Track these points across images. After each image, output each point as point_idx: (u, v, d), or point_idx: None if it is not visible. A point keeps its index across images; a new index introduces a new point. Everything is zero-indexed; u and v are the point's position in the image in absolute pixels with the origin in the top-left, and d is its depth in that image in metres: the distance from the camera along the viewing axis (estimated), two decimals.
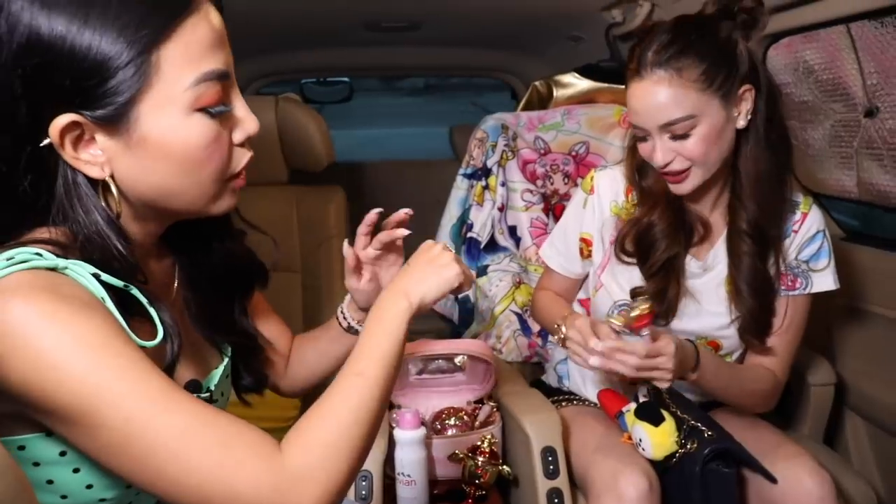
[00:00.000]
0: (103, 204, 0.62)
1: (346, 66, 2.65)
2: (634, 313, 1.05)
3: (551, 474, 1.20)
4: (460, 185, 1.80)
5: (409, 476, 1.24)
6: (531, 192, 1.78)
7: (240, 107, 0.66)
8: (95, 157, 0.61)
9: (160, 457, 0.55)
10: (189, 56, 0.60)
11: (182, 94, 0.60)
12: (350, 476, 0.62)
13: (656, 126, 1.09)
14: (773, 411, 1.35)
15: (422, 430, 1.26)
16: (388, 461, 1.27)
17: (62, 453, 0.62)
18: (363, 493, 1.18)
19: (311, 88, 2.76)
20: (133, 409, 0.55)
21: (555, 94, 1.96)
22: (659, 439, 1.15)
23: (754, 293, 1.18)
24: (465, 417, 1.36)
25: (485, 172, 1.77)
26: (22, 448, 0.61)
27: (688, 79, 1.06)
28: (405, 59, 2.60)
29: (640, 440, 1.17)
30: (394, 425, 1.29)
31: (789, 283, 1.22)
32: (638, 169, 1.22)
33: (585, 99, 1.94)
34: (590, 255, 1.31)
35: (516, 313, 1.70)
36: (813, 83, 1.46)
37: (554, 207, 1.79)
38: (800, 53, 1.46)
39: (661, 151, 1.10)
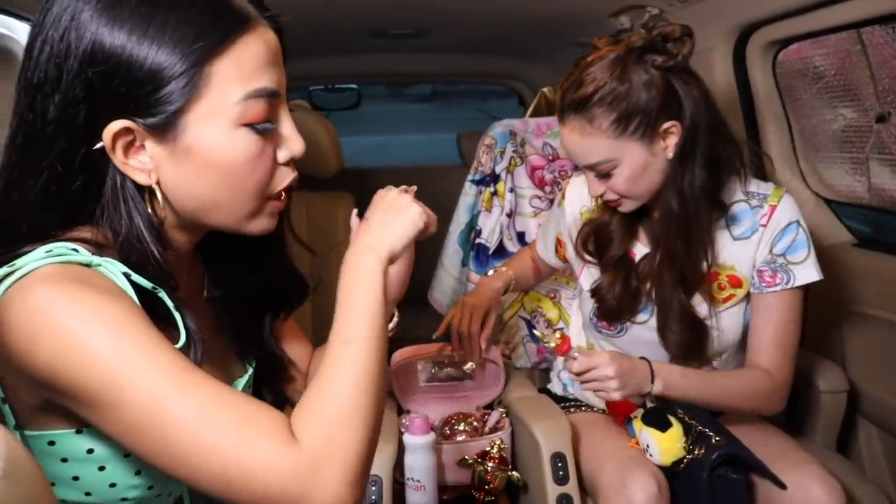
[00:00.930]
0: (148, 210, 0.64)
1: (353, 73, 2.66)
2: (551, 344, 1.15)
3: (561, 480, 1.20)
4: (469, 192, 1.81)
5: (418, 481, 1.24)
6: (540, 198, 1.78)
7: (287, 127, 0.67)
8: (144, 164, 0.63)
9: (179, 437, 0.56)
10: (240, 72, 0.62)
11: (230, 108, 0.62)
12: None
13: (582, 165, 1.14)
14: (784, 418, 1.34)
15: (431, 436, 1.26)
16: (398, 466, 1.27)
17: (90, 451, 0.63)
18: (373, 497, 1.17)
19: (320, 95, 2.78)
20: (153, 388, 0.56)
21: None
22: (666, 445, 1.15)
23: (685, 332, 1.19)
24: (475, 423, 1.36)
25: (493, 178, 1.78)
26: (52, 443, 0.63)
27: (598, 127, 1.08)
28: (412, 66, 2.62)
29: (648, 446, 1.17)
30: (403, 431, 1.29)
31: (768, 280, 1.18)
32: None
33: None
34: (564, 259, 1.38)
35: (525, 319, 1.70)
36: (823, 88, 1.46)
37: None
38: (809, 59, 1.46)
39: (592, 185, 1.15)
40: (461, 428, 1.36)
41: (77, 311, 0.55)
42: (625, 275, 1.21)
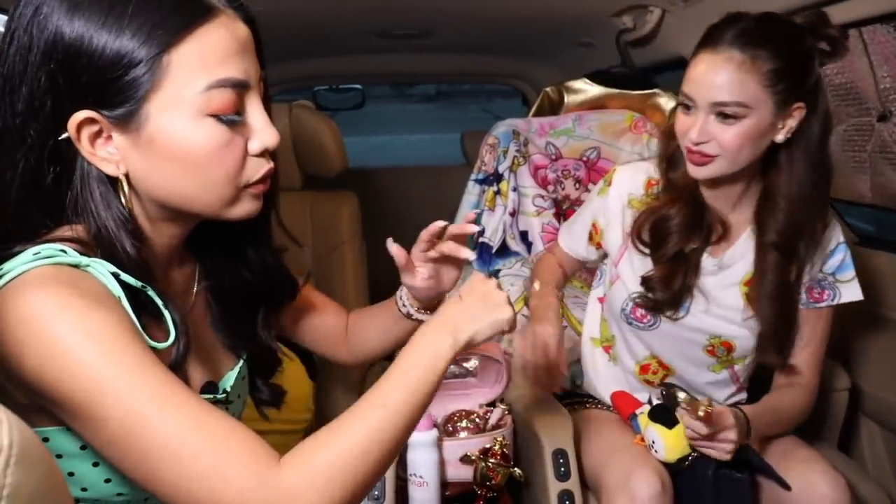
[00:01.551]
0: (119, 202, 0.64)
1: (358, 74, 2.67)
2: (700, 412, 1.06)
3: (562, 476, 1.20)
4: (472, 191, 1.82)
5: (421, 477, 1.24)
6: (542, 197, 1.79)
7: (258, 117, 0.66)
8: (111, 154, 0.63)
9: (156, 456, 0.56)
10: (202, 61, 0.61)
11: (193, 97, 0.61)
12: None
13: (707, 102, 1.07)
14: None
15: (434, 432, 1.27)
16: (401, 462, 1.28)
17: (83, 447, 0.63)
18: (375, 493, 1.18)
19: (324, 95, 2.79)
20: (133, 407, 0.56)
21: (566, 99, 1.96)
22: (672, 441, 1.15)
23: (778, 311, 1.18)
24: (477, 420, 1.37)
25: (496, 178, 1.79)
26: (46, 440, 0.63)
27: (758, 69, 1.05)
28: (417, 66, 2.63)
29: (654, 442, 1.17)
30: None
31: (816, 296, 1.22)
32: (669, 157, 1.22)
33: (597, 105, 1.94)
34: (598, 245, 1.32)
35: (527, 318, 1.71)
36: (825, 87, 1.46)
37: (565, 213, 1.80)
38: None
39: (699, 128, 1.08)
40: (464, 425, 1.36)
41: (66, 320, 0.56)
42: (682, 269, 1.20)
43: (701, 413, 1.06)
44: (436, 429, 1.29)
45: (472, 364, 1.43)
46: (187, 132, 0.62)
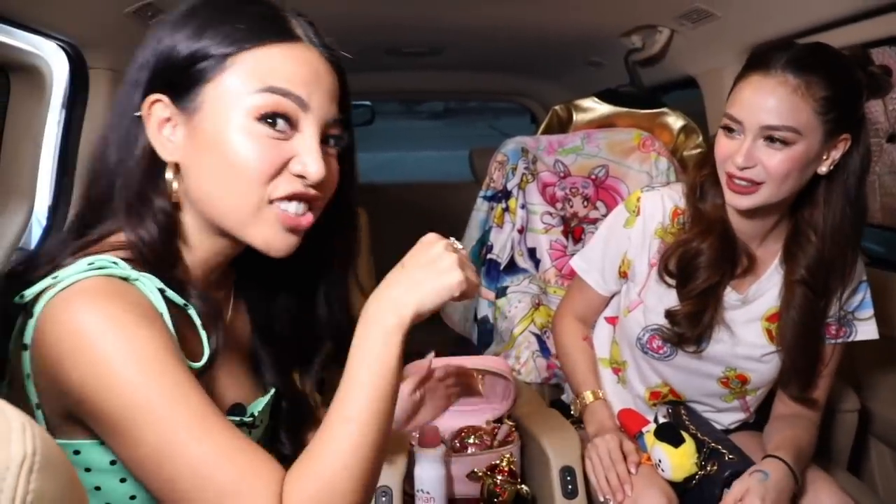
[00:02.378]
0: (165, 194, 0.68)
1: (367, 90, 2.70)
2: None
3: (570, 494, 1.20)
4: (480, 207, 1.83)
5: (428, 493, 1.24)
6: (551, 214, 1.80)
7: (307, 144, 0.67)
8: (171, 140, 0.67)
9: (184, 481, 0.58)
10: (263, 69, 0.65)
11: (246, 95, 0.65)
12: None
13: (758, 125, 1.04)
14: None
15: (441, 448, 1.27)
16: (408, 478, 1.27)
17: (112, 462, 0.65)
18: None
19: None
20: (167, 430, 0.58)
21: (574, 118, 1.98)
22: (679, 461, 1.15)
23: (805, 346, 1.16)
24: (484, 436, 1.37)
25: (505, 195, 1.80)
26: (77, 453, 0.65)
27: (812, 95, 1.02)
28: (426, 84, 2.65)
29: (660, 461, 1.17)
30: (413, 442, 1.30)
31: (833, 332, 1.20)
32: (700, 187, 1.18)
33: (605, 123, 1.96)
34: (625, 275, 1.27)
35: (535, 335, 1.71)
36: (867, 122, 1.46)
37: (573, 230, 1.81)
38: None
39: (746, 153, 1.04)
40: (471, 441, 1.36)
41: (112, 337, 0.58)
42: (711, 306, 1.16)
43: None
44: (443, 444, 1.29)
45: (479, 380, 1.43)
46: (230, 127, 0.65)
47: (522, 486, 1.28)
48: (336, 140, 0.71)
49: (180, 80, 0.66)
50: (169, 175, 0.67)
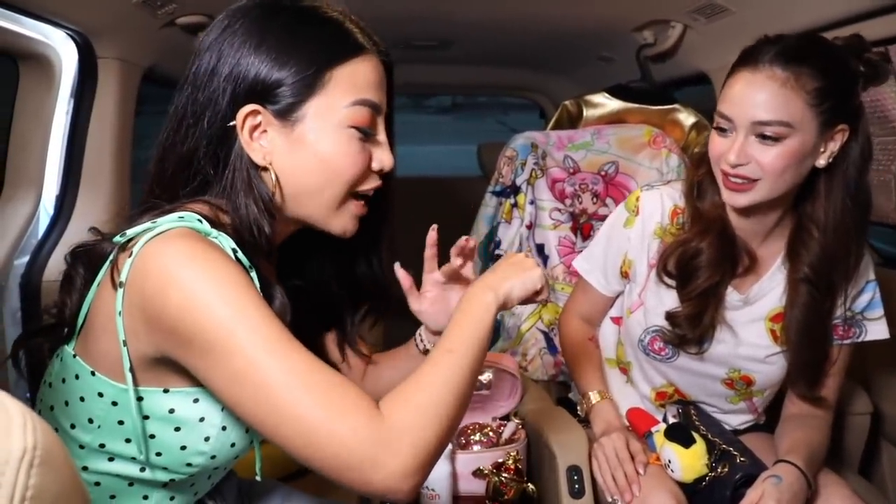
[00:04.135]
0: (263, 188, 0.75)
1: None
2: None
3: (576, 493, 1.19)
4: (489, 203, 1.81)
5: (433, 490, 1.23)
6: (560, 210, 1.79)
7: (384, 142, 0.80)
8: (263, 146, 0.76)
9: (276, 394, 0.63)
10: (353, 83, 0.76)
11: (341, 109, 0.75)
12: (441, 441, 0.67)
13: (748, 122, 1.03)
14: None
15: (447, 445, 1.26)
16: None
17: (171, 410, 0.72)
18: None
19: None
20: (259, 346, 0.64)
21: (585, 113, 1.96)
22: (689, 461, 1.13)
23: (811, 345, 1.14)
24: (491, 434, 1.36)
25: (514, 190, 1.78)
26: (140, 399, 0.71)
27: (802, 87, 1.01)
28: (436, 77, 2.64)
29: (670, 461, 1.15)
30: None
31: (842, 333, 1.18)
32: (697, 186, 1.16)
33: (615, 119, 1.93)
34: (626, 275, 1.26)
35: (542, 332, 1.70)
36: (866, 112, 1.44)
37: (582, 227, 1.79)
38: None
39: (738, 150, 1.03)
40: (477, 438, 1.35)
41: (202, 268, 0.65)
42: (712, 307, 1.15)
43: None
44: (449, 442, 1.28)
45: (485, 377, 1.42)
46: (332, 136, 0.75)
47: (528, 484, 1.27)
48: (389, 131, 0.82)
49: (276, 91, 0.74)
50: (273, 176, 0.76)
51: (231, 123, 0.74)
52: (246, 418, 0.66)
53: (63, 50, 1.39)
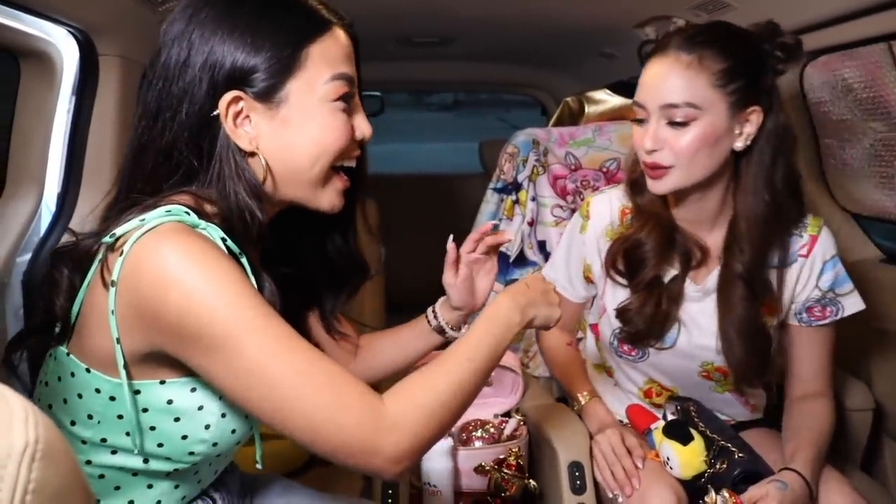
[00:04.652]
0: (250, 174, 0.76)
1: (377, 80, 2.69)
2: (731, 500, 1.05)
3: (578, 489, 1.19)
4: (490, 199, 1.81)
5: (434, 486, 1.24)
6: (561, 207, 1.78)
7: (360, 112, 0.81)
8: (247, 132, 0.76)
9: (282, 390, 0.65)
10: (328, 58, 0.76)
11: (321, 85, 0.76)
12: (435, 438, 0.71)
13: (657, 105, 1.06)
14: None
15: (449, 441, 1.26)
16: (415, 471, 1.27)
17: (169, 401, 0.72)
18: (389, 501, 1.18)
19: None
20: (264, 346, 0.65)
21: (586, 110, 1.96)
22: (687, 458, 1.13)
23: (745, 342, 1.13)
24: (492, 430, 1.36)
25: (515, 187, 1.78)
26: (137, 392, 0.72)
27: (706, 69, 1.04)
28: (437, 74, 2.64)
29: (668, 458, 1.15)
30: None
31: (818, 314, 1.18)
32: (635, 182, 1.19)
33: (617, 116, 1.93)
34: (590, 280, 1.29)
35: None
36: (852, 101, 1.44)
37: None
38: (838, 71, 1.44)
39: (652, 136, 1.06)
40: (478, 434, 1.36)
41: (201, 269, 0.66)
42: (658, 297, 1.16)
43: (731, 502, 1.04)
44: (450, 438, 1.28)
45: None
46: (317, 111, 0.76)
47: (530, 480, 1.27)
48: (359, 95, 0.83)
49: (255, 75, 0.74)
50: (263, 161, 0.76)
51: (214, 113, 0.74)
52: (253, 413, 0.68)
53: (64, 47, 1.39)
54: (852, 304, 1.19)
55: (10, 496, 0.33)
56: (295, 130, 0.76)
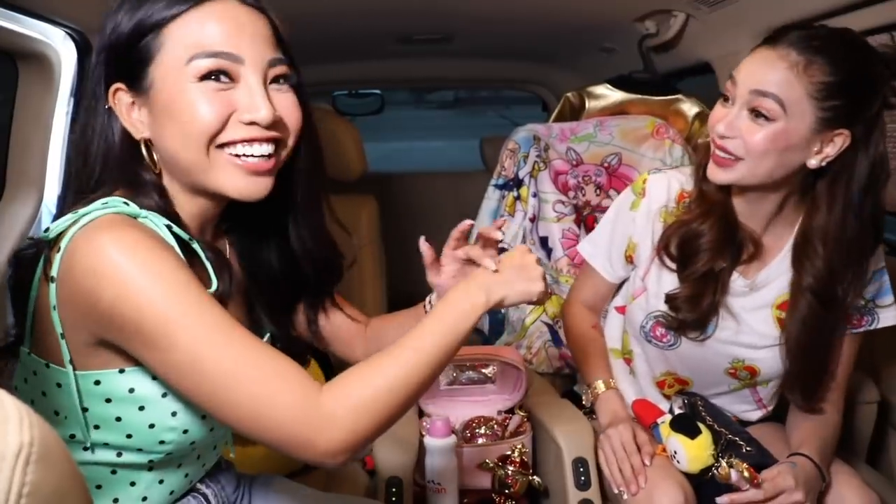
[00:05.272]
0: (146, 164, 0.75)
1: (378, 79, 2.68)
2: (746, 474, 1.03)
3: (582, 485, 1.19)
4: (491, 196, 1.81)
5: (439, 484, 1.23)
6: (563, 203, 1.78)
7: (248, 92, 0.73)
8: (138, 121, 0.75)
9: (217, 383, 0.65)
10: (189, 39, 0.72)
11: (182, 67, 0.72)
12: (374, 434, 0.68)
13: (748, 88, 1.02)
14: None
15: (452, 439, 1.26)
16: (419, 469, 1.27)
17: (131, 390, 0.72)
18: (393, 499, 1.17)
19: (343, 100, 2.80)
20: (198, 335, 0.65)
21: (587, 105, 1.95)
22: (695, 452, 1.13)
23: (811, 354, 1.13)
24: (496, 427, 1.36)
25: (516, 183, 1.78)
26: (97, 383, 0.71)
27: (809, 77, 0.99)
28: (437, 72, 2.63)
29: (676, 452, 1.15)
30: (424, 433, 1.29)
31: (855, 322, 1.17)
32: (705, 168, 1.14)
33: (618, 110, 1.92)
34: (631, 259, 1.25)
35: (547, 324, 1.69)
36: (884, 127, 1.41)
37: (586, 219, 1.78)
38: None
39: (729, 122, 1.03)
40: (482, 431, 1.35)
41: (137, 260, 0.65)
42: (710, 289, 1.13)
43: (745, 475, 1.02)
44: (454, 435, 1.28)
45: (490, 370, 1.41)
46: (178, 93, 0.72)
47: (534, 477, 1.27)
48: (284, 79, 0.77)
49: (129, 66, 0.73)
50: (145, 150, 0.75)
51: (107, 106, 0.74)
52: (192, 402, 0.69)
53: (62, 49, 1.39)
54: (889, 317, 1.17)
55: (5, 499, 0.32)
56: (163, 114, 0.73)
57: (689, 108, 1.87)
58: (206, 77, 0.72)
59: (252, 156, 0.74)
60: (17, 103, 1.38)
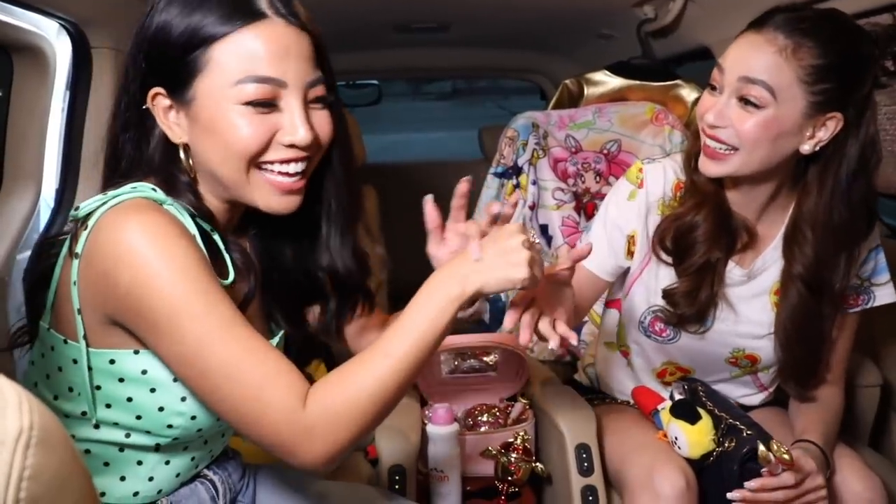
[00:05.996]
0: (182, 167, 0.77)
1: (375, 69, 2.67)
2: (786, 456, 1.01)
3: (586, 471, 1.19)
4: (491, 184, 1.80)
5: (442, 472, 1.24)
6: (562, 190, 1.77)
7: (290, 116, 0.74)
8: (176, 125, 0.76)
9: (216, 375, 0.67)
10: (238, 58, 0.72)
11: (227, 87, 0.72)
12: (354, 440, 0.70)
13: (736, 75, 1.00)
14: None
15: (455, 426, 1.26)
16: (422, 457, 1.27)
17: (144, 371, 0.73)
18: (396, 487, 1.18)
19: (340, 91, 2.78)
20: (204, 328, 0.67)
21: (586, 92, 1.94)
22: (696, 437, 1.13)
23: (802, 343, 1.12)
24: (498, 414, 1.36)
25: (515, 171, 1.77)
26: (112, 362, 0.73)
27: (798, 60, 0.97)
28: (435, 61, 2.62)
29: (676, 438, 1.15)
30: (427, 421, 1.29)
31: (851, 302, 1.16)
32: (695, 157, 1.12)
33: (617, 97, 1.92)
34: (631, 253, 1.20)
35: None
36: (875, 108, 1.41)
37: (586, 206, 1.78)
38: None
39: (718, 111, 1.01)
40: (484, 419, 1.35)
41: (156, 246, 0.67)
42: (707, 282, 1.12)
43: (786, 457, 0.99)
44: (456, 423, 1.28)
45: (492, 358, 1.41)
46: (221, 113, 0.73)
47: (537, 464, 1.27)
48: (321, 100, 0.78)
49: (174, 74, 0.74)
50: (183, 154, 0.76)
51: (145, 106, 0.76)
52: (189, 389, 0.71)
53: (56, 41, 1.38)
54: (885, 294, 1.17)
55: (5, 483, 0.32)
56: (204, 129, 0.74)
57: (689, 94, 1.87)
58: (250, 102, 0.72)
59: (287, 174, 0.76)
60: (13, 97, 1.37)
